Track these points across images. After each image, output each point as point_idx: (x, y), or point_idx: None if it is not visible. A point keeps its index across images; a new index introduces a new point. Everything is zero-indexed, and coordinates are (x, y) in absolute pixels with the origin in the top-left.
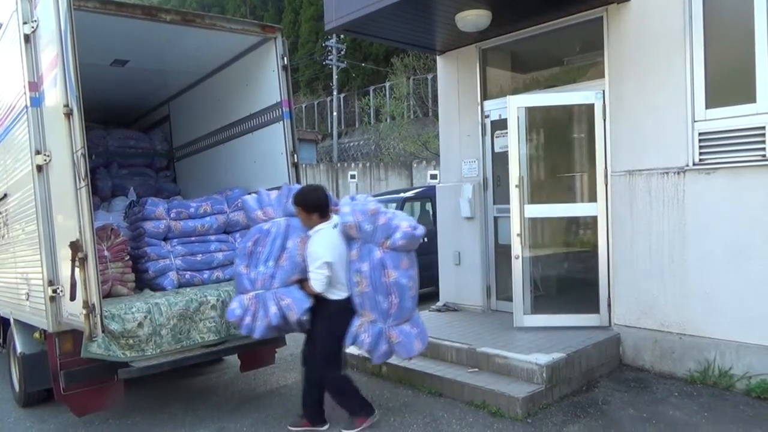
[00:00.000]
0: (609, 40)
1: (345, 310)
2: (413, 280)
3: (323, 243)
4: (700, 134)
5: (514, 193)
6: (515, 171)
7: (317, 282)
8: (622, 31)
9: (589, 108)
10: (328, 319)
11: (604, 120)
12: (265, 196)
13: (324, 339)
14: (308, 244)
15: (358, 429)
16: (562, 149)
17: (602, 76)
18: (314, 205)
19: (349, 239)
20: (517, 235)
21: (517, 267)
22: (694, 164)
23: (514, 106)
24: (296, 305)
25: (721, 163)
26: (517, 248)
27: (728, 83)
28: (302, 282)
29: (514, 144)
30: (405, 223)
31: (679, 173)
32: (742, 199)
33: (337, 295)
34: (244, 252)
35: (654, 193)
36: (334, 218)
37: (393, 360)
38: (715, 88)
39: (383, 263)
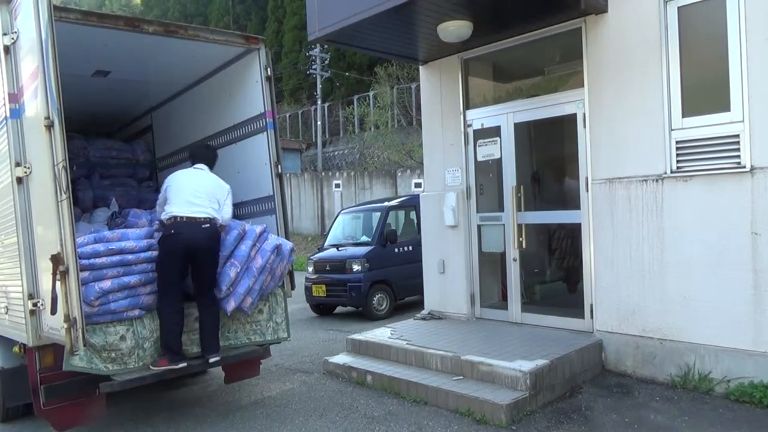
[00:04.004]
0: (588, 50)
1: (164, 238)
2: None
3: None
4: (677, 142)
5: (509, 201)
6: (510, 180)
7: None
8: (600, 42)
9: (572, 117)
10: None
11: (585, 128)
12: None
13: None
14: None
15: (156, 370)
16: (550, 158)
17: (582, 85)
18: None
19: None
20: (514, 239)
21: (514, 268)
22: (671, 172)
23: (511, 122)
24: None
25: (698, 170)
26: (513, 251)
27: (703, 92)
28: None
29: (509, 154)
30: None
31: (657, 181)
32: (718, 206)
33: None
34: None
35: (633, 200)
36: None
37: (378, 369)
38: (691, 97)
39: None
